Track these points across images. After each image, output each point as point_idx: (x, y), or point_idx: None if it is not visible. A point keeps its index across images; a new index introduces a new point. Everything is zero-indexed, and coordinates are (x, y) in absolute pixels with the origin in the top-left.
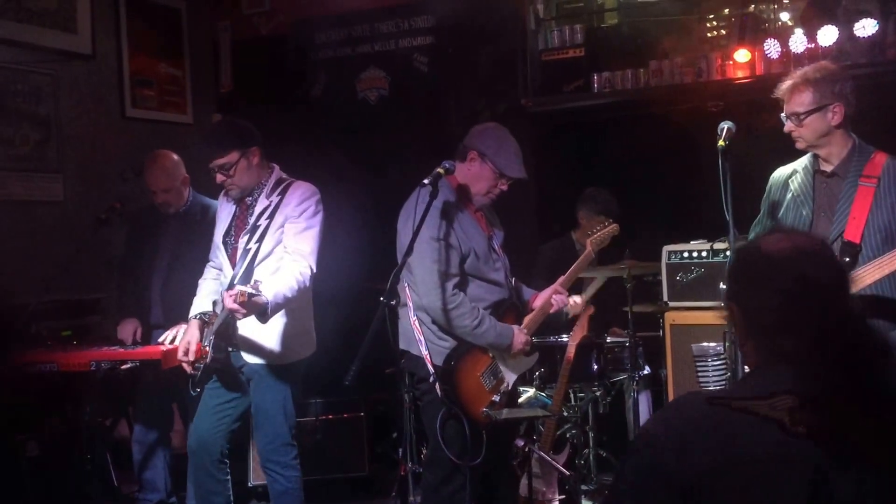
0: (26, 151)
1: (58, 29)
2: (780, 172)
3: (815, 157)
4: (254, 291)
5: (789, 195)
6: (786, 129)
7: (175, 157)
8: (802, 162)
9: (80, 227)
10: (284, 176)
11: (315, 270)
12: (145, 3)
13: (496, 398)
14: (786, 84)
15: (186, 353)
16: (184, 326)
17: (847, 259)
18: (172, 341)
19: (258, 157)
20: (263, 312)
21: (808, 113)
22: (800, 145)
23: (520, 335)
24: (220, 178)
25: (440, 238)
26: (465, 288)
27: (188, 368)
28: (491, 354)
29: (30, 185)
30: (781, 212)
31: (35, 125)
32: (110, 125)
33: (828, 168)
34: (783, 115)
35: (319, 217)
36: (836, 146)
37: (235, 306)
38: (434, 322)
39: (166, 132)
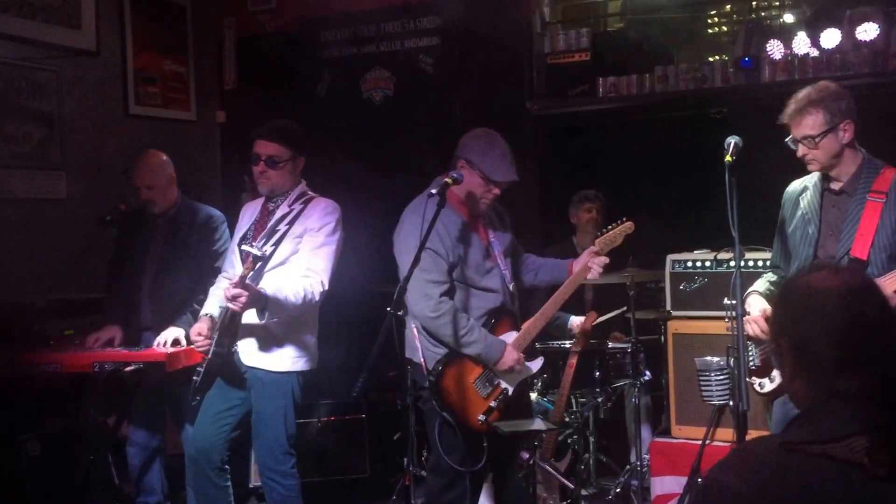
0: (30, 149)
1: (62, 25)
2: (793, 188)
3: (825, 174)
4: (258, 253)
5: (799, 213)
6: (799, 153)
7: (164, 157)
8: (813, 179)
9: (84, 224)
10: (309, 191)
11: (327, 288)
12: None
13: (493, 404)
14: (791, 108)
15: (199, 336)
16: (175, 328)
17: None
18: (169, 343)
19: (300, 168)
20: (262, 307)
21: (822, 135)
22: (813, 168)
23: (511, 353)
24: (261, 167)
25: (430, 248)
26: (454, 295)
27: (202, 348)
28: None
29: (33, 182)
30: (790, 229)
31: (38, 122)
32: (114, 122)
33: (836, 186)
34: (790, 139)
35: (338, 236)
36: (845, 164)
37: (237, 291)
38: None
39: (170, 129)
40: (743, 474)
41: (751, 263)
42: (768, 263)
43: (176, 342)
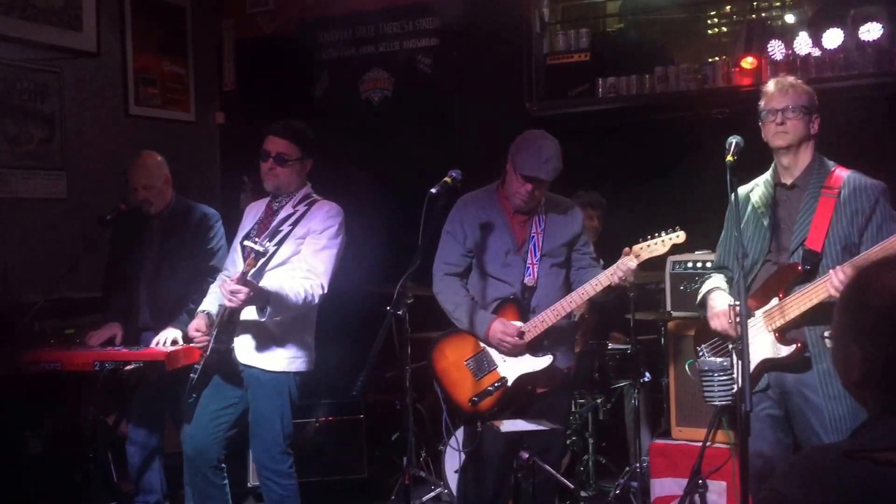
0: (31, 149)
1: (63, 27)
2: (743, 189)
3: (776, 169)
4: (260, 249)
5: (750, 207)
6: (777, 120)
7: (159, 157)
8: (764, 176)
9: (84, 225)
10: (314, 194)
11: (326, 290)
12: (150, 1)
13: (491, 388)
14: (778, 83)
15: (197, 332)
16: (173, 328)
17: (808, 267)
18: (168, 343)
19: (307, 170)
20: (263, 305)
21: (803, 109)
22: (781, 141)
23: (497, 325)
24: (269, 163)
25: (449, 231)
26: (468, 277)
27: (201, 344)
28: (482, 343)
29: (34, 182)
30: (742, 224)
31: (40, 123)
32: (114, 123)
33: (788, 180)
34: (766, 110)
35: (340, 240)
36: (802, 157)
37: (236, 287)
38: None
39: (169, 130)
40: (804, 485)
41: None
42: (710, 265)
43: (174, 342)
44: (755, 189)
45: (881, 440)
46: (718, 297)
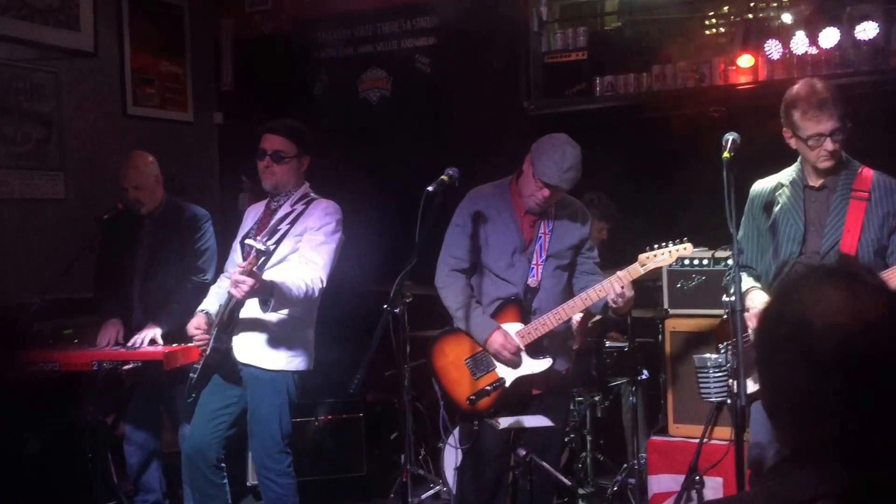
0: (28, 149)
1: (60, 27)
2: (763, 186)
3: (802, 170)
4: (262, 247)
5: (777, 208)
6: (829, 148)
7: (150, 157)
8: (788, 175)
9: (82, 225)
10: (312, 192)
11: (325, 285)
12: (148, 0)
13: (488, 388)
14: (815, 95)
15: (197, 329)
16: (152, 327)
17: None
18: (146, 342)
19: (304, 168)
20: (266, 299)
21: (846, 125)
22: (828, 164)
23: (498, 335)
24: (266, 162)
25: (458, 224)
26: (472, 274)
27: (200, 343)
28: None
29: (31, 183)
30: (766, 226)
31: (37, 123)
32: (112, 123)
33: (817, 183)
34: (814, 133)
35: (338, 236)
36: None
37: (241, 278)
38: None
39: (167, 130)
40: None
41: None
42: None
43: (153, 342)
44: (781, 189)
45: (773, 498)
46: (757, 297)
